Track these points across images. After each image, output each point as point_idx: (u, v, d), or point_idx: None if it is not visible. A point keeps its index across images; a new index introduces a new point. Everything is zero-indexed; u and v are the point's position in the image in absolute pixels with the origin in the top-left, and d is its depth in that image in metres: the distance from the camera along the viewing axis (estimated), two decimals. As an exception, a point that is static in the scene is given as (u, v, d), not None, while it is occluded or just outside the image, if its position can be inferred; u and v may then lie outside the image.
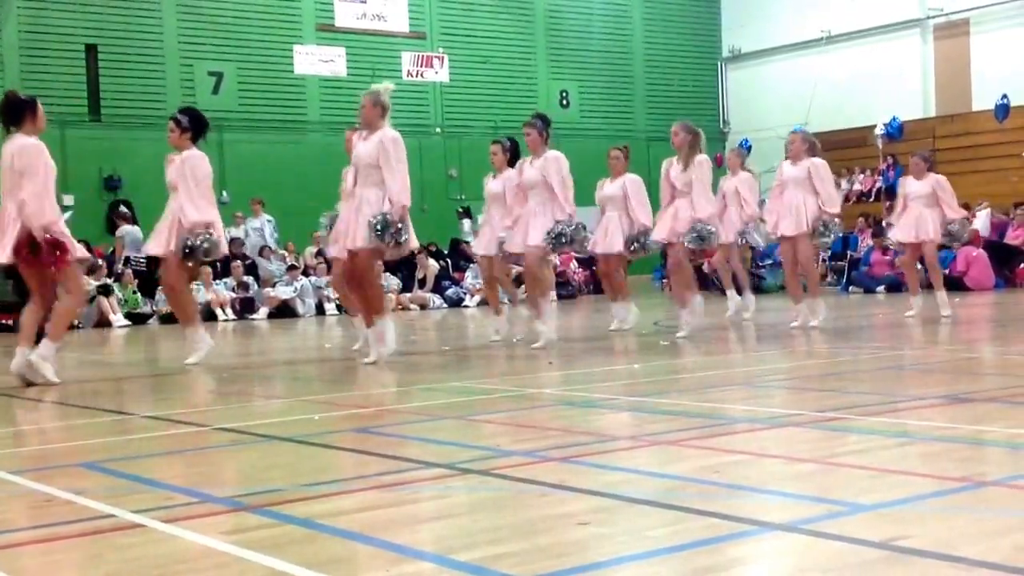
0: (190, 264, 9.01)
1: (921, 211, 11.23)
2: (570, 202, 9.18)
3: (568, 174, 9.27)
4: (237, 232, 19.07)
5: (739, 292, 12.17)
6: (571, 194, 9.23)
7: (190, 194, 8.51)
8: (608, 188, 10.74)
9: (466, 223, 20.31)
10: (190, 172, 8.53)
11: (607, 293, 11.58)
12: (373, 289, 8.46)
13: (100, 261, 16.89)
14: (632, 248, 10.58)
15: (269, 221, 19.74)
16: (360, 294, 8.53)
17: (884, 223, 17.38)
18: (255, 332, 14.08)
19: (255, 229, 19.15)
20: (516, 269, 12.19)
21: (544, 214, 9.18)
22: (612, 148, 10.94)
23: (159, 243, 8.67)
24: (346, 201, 8.55)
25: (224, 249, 9.05)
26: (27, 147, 7.47)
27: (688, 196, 9.79)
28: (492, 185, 10.09)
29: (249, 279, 17.44)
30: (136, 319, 16.11)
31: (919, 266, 12.24)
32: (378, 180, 7.98)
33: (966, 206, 19.33)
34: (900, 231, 11.55)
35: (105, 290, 16.07)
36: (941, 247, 12.20)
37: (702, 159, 9.82)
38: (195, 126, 8.75)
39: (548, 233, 9.12)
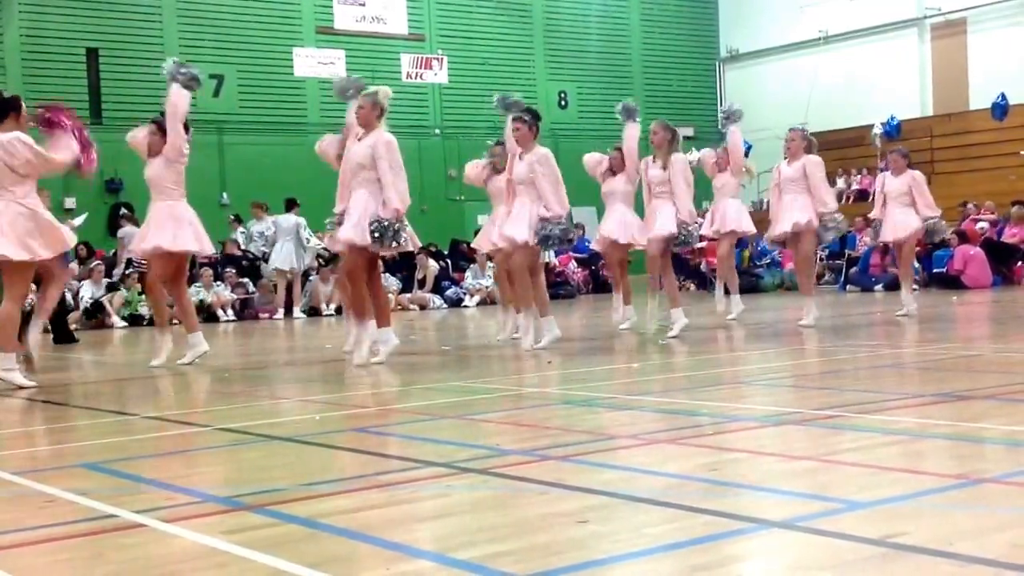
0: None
1: (899, 209, 11.23)
2: (563, 199, 9.02)
3: (558, 171, 9.18)
4: (236, 235, 19.05)
5: (726, 292, 12.16)
6: (563, 190, 9.09)
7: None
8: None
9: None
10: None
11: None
12: (356, 289, 8.33)
13: (98, 262, 16.91)
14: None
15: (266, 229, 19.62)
16: (346, 293, 8.42)
17: (867, 216, 17.36)
18: (255, 332, 14.09)
19: (259, 233, 19.10)
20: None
21: (533, 210, 9.10)
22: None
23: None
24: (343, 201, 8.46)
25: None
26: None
27: (665, 197, 9.82)
28: (497, 183, 10.09)
29: (247, 280, 17.44)
30: (136, 321, 16.11)
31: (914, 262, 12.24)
32: (367, 180, 8.01)
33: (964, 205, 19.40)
34: (884, 231, 11.56)
35: (101, 305, 16.07)
36: (931, 246, 12.02)
37: (679, 157, 9.83)
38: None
39: (537, 234, 8.98)
